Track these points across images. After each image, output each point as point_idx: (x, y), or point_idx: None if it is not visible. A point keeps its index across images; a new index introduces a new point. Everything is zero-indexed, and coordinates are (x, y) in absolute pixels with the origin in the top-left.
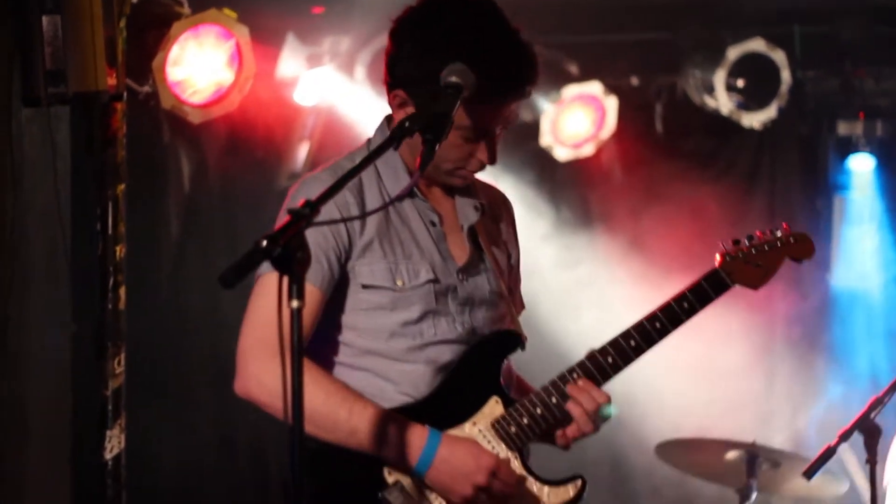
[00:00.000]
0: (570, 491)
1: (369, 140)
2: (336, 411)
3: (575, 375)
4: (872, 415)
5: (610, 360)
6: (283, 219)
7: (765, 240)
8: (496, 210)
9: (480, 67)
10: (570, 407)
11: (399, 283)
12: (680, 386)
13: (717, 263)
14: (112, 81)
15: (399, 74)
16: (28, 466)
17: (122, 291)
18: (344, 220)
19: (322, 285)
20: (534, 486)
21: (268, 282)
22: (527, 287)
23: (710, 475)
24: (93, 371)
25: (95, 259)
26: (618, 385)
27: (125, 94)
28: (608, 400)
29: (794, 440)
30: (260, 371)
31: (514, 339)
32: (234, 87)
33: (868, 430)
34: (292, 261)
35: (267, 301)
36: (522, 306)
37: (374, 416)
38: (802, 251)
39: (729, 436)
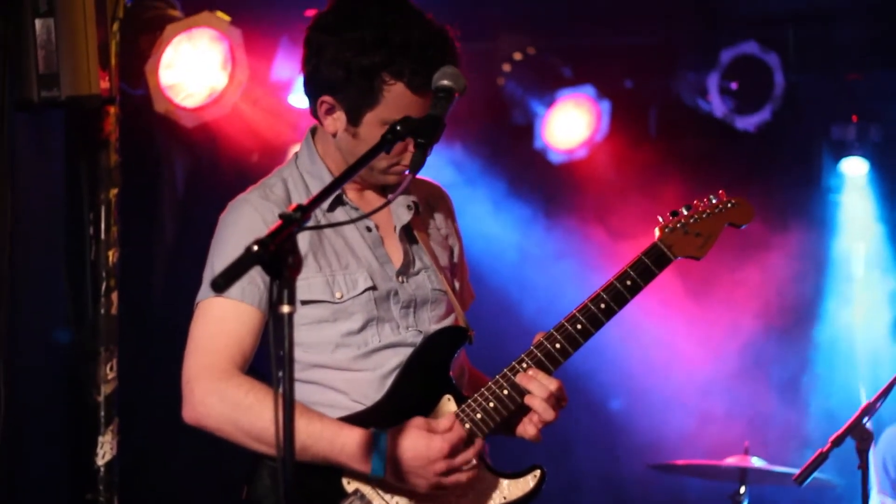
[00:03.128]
0: (529, 482)
1: (296, 154)
2: None
3: (524, 365)
4: (864, 421)
5: (558, 346)
6: (221, 243)
7: (703, 208)
8: (433, 205)
9: (408, 58)
10: (528, 399)
11: (338, 294)
12: (671, 395)
13: (655, 237)
14: (105, 85)
15: (321, 81)
16: (22, 472)
17: (115, 296)
18: (339, 224)
19: (261, 305)
20: (492, 479)
21: (209, 307)
22: (517, 293)
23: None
24: (85, 376)
25: (88, 263)
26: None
27: (118, 97)
28: (560, 387)
29: (786, 446)
30: (205, 396)
31: (460, 335)
32: (228, 90)
33: (860, 436)
34: (283, 265)
35: (208, 327)
36: (472, 296)
37: (319, 430)
38: (741, 216)
39: (722, 443)
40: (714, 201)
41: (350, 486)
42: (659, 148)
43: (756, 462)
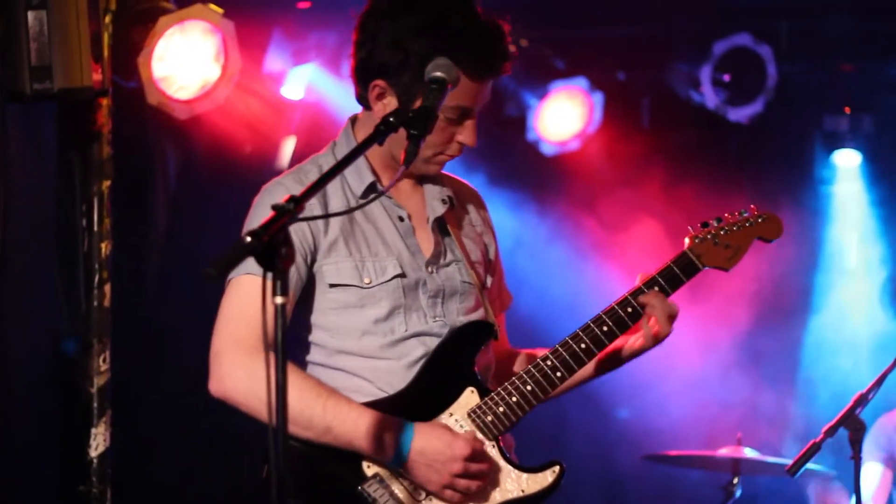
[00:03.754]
0: (548, 477)
1: (334, 143)
2: (311, 408)
3: (549, 363)
4: (857, 411)
5: (583, 346)
6: (251, 225)
7: (733, 221)
8: (468, 203)
9: (458, 49)
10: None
11: (366, 280)
12: (665, 386)
13: (685, 246)
14: (97, 77)
15: (375, 65)
16: (13, 464)
17: (108, 288)
18: (332, 215)
19: (291, 286)
20: (511, 472)
21: (239, 284)
22: (511, 284)
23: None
24: (78, 368)
25: (81, 256)
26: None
27: (111, 89)
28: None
29: (780, 437)
30: (232, 369)
31: (487, 329)
32: (221, 82)
33: (853, 426)
34: (276, 256)
35: (239, 302)
36: (510, 297)
37: (348, 412)
38: (771, 231)
39: (716, 434)
40: (745, 215)
41: (370, 469)
42: (651, 140)
43: (749, 453)
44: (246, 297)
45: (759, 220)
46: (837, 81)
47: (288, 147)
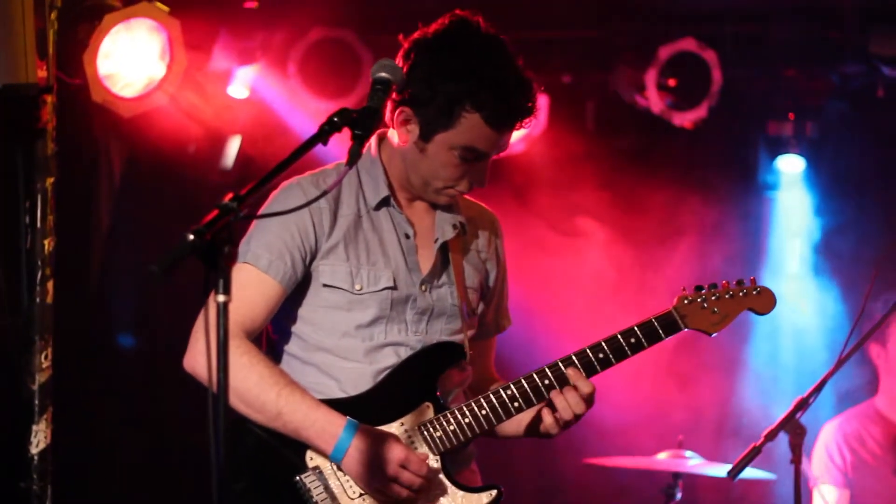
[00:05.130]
0: (482, 499)
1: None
2: (266, 393)
3: (509, 392)
4: (797, 415)
5: (546, 382)
6: (259, 224)
7: (727, 288)
8: (480, 228)
9: (492, 95)
10: (554, 396)
11: (357, 286)
12: (606, 390)
13: (672, 304)
14: (42, 74)
15: (409, 94)
16: None
17: (51, 285)
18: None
19: (283, 280)
20: (448, 489)
21: (237, 270)
22: None
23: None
24: (20, 365)
25: (24, 252)
26: None
27: (55, 86)
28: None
29: (720, 441)
30: (205, 349)
31: (457, 352)
32: (166, 80)
33: (793, 431)
34: (219, 255)
35: (235, 287)
36: (508, 321)
37: (300, 402)
38: (763, 304)
39: (657, 438)
40: (740, 284)
41: (312, 462)
42: (596, 143)
43: (689, 456)
44: (237, 285)
45: (754, 293)
46: (782, 87)
47: (233, 146)
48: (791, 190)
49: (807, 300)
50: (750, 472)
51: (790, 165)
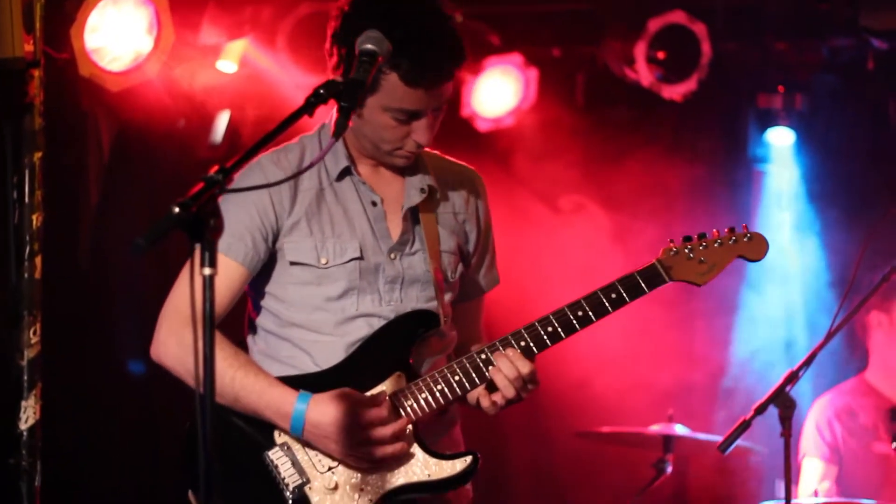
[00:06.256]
0: (456, 466)
1: (323, 124)
2: (221, 378)
3: (483, 356)
4: (787, 388)
5: (523, 343)
6: (226, 209)
7: (717, 237)
8: (458, 189)
9: (406, 53)
10: (493, 372)
11: (323, 260)
12: (597, 363)
13: (656, 256)
14: (29, 48)
15: (335, 61)
16: None
17: (39, 260)
18: (262, 187)
19: (245, 262)
20: (421, 456)
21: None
22: None
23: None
24: (8, 340)
25: (11, 227)
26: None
27: (43, 61)
28: (531, 371)
29: (710, 414)
30: (167, 337)
31: (431, 319)
32: (153, 54)
33: (783, 404)
34: (205, 228)
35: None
36: (495, 281)
37: (254, 383)
38: (755, 251)
39: (647, 411)
40: (731, 232)
41: (280, 437)
42: (586, 116)
43: (679, 430)
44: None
45: (745, 239)
46: (771, 60)
47: (222, 121)
48: (781, 163)
49: (796, 272)
50: (740, 445)
51: (780, 138)
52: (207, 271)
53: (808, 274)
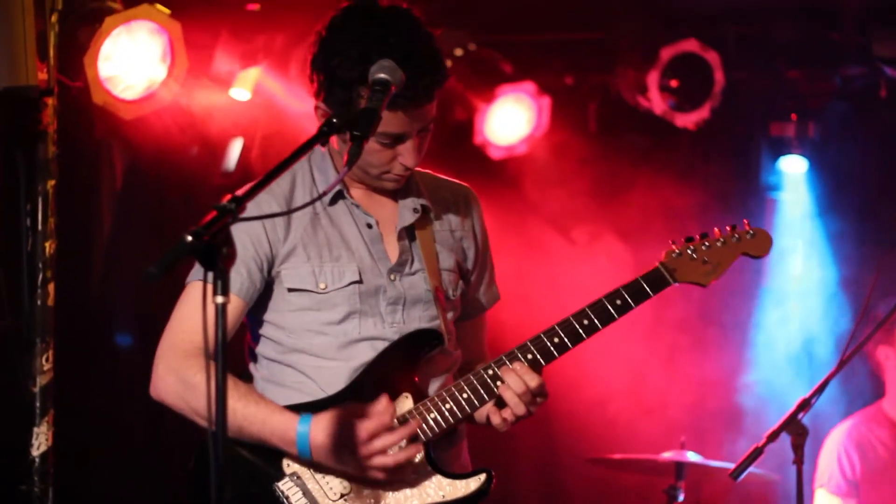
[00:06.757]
0: (471, 485)
1: (310, 153)
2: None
3: (490, 372)
4: (800, 416)
5: (530, 356)
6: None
7: (719, 236)
8: (453, 207)
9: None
10: (502, 389)
11: (322, 285)
12: (609, 388)
13: (660, 259)
14: (43, 76)
15: (315, 86)
16: None
17: (52, 287)
18: (269, 217)
19: (241, 293)
20: (434, 477)
21: (189, 289)
22: None
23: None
24: (21, 367)
25: (25, 255)
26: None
27: (56, 89)
28: (539, 384)
29: (723, 441)
30: (166, 373)
31: (434, 337)
32: (167, 83)
33: (795, 431)
34: (217, 256)
35: (185, 307)
36: (495, 298)
37: (255, 413)
38: (759, 247)
39: (659, 438)
40: (734, 229)
41: (289, 468)
42: (598, 144)
43: (692, 457)
44: (192, 302)
45: (748, 236)
46: (784, 88)
47: (234, 149)
48: (794, 191)
49: (808, 300)
50: (752, 472)
51: (793, 166)
52: (220, 300)
53: (820, 301)
